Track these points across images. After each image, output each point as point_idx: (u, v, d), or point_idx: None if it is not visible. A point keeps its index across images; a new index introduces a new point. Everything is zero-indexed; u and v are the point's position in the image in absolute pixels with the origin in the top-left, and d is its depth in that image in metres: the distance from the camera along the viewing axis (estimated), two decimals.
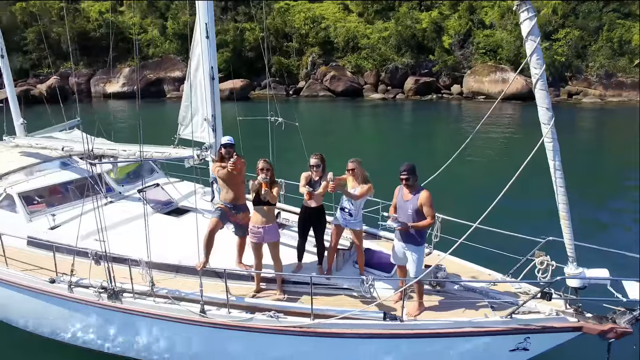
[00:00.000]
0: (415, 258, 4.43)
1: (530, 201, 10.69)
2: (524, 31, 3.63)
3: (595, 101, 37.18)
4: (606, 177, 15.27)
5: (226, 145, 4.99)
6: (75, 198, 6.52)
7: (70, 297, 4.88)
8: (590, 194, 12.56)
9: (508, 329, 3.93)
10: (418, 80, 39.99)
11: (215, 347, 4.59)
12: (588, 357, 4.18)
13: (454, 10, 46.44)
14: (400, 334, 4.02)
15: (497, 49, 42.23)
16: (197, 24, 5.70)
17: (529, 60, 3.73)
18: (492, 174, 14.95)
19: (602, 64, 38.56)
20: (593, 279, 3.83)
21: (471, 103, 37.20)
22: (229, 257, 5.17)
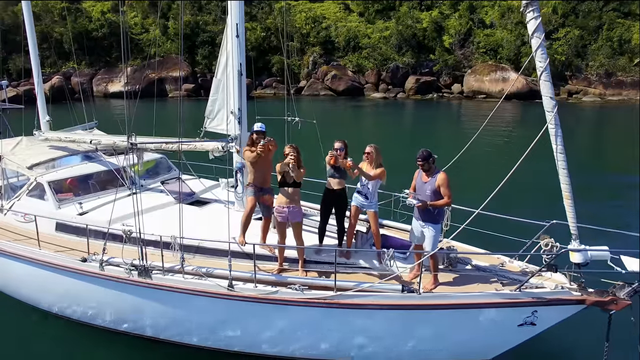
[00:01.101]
0: (432, 234, 4.76)
1: (536, 187, 10.96)
2: (530, 29, 3.99)
3: (595, 100, 37.40)
4: (605, 174, 15.48)
5: (258, 132, 5.26)
6: (101, 189, 6.86)
7: (102, 274, 5.06)
8: (591, 189, 12.80)
9: (517, 301, 4.19)
10: (419, 79, 40.22)
11: (242, 320, 4.83)
12: (590, 332, 4.37)
13: (455, 10, 46.69)
14: (418, 305, 4.31)
15: (498, 48, 42.46)
16: (228, 23, 5.99)
17: (534, 55, 4.09)
18: (495, 167, 15.16)
19: (602, 63, 38.77)
20: (593, 250, 4.05)
21: (472, 102, 37.42)
22: (254, 240, 5.41)
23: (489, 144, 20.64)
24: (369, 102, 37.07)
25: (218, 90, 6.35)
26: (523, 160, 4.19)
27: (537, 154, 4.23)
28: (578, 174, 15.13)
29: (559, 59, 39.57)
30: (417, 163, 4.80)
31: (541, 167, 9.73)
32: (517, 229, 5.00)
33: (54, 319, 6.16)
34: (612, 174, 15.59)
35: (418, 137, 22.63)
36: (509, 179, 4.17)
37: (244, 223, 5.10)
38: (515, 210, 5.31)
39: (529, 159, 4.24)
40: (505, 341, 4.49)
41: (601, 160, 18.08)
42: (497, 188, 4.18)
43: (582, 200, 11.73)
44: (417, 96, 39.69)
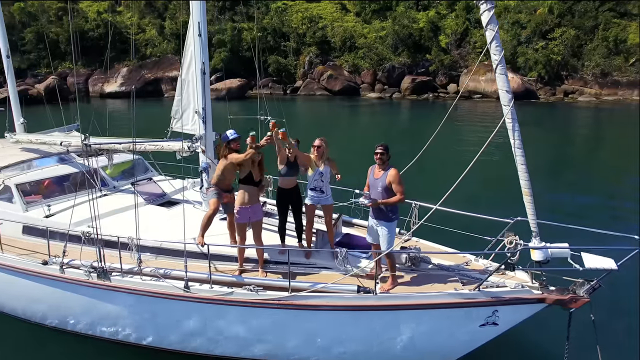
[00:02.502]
0: (386, 233, 4.61)
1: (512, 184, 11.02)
2: (484, 21, 3.87)
3: (591, 100, 37.38)
4: (603, 171, 15.48)
5: (235, 139, 5.20)
6: (71, 191, 6.76)
7: (61, 277, 5.06)
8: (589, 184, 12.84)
9: (475, 300, 4.13)
10: (415, 79, 40.20)
11: (198, 321, 4.79)
12: (551, 330, 4.32)
13: (451, 10, 46.67)
14: (373, 306, 4.22)
15: None
16: (191, 23, 5.94)
17: (489, 47, 3.97)
18: (487, 168, 15.14)
19: (598, 63, 38.74)
20: (553, 248, 3.98)
21: (467, 102, 37.35)
22: (218, 241, 5.37)
23: (480, 144, 20.55)
24: (364, 102, 37.05)
25: (183, 90, 6.31)
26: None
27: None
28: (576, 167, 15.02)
29: (555, 59, 39.56)
30: (375, 152, 4.66)
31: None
32: (486, 226, 4.96)
33: (18, 322, 6.10)
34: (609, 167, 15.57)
35: (410, 136, 22.58)
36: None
37: (204, 224, 5.07)
38: (492, 208, 5.25)
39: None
40: (468, 342, 4.41)
41: (598, 156, 18.07)
42: (454, 185, 4.13)
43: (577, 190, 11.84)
44: (413, 96, 39.67)
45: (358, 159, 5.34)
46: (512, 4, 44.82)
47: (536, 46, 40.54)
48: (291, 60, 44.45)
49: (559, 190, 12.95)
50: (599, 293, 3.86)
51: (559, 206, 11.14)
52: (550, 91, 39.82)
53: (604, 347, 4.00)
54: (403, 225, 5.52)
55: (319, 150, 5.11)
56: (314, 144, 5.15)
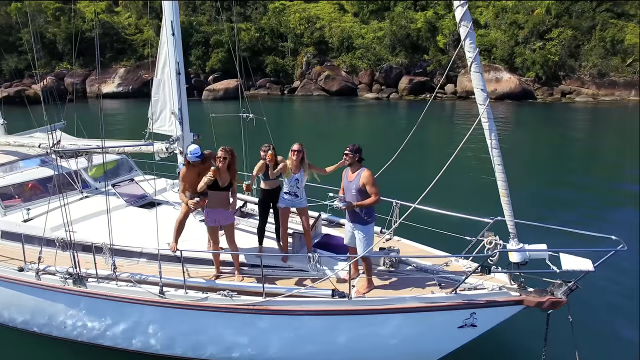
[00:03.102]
0: (362, 237, 4.53)
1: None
2: (457, 17, 3.75)
3: (588, 100, 37.38)
4: (601, 171, 15.47)
5: (195, 162, 5.10)
6: (52, 193, 6.62)
7: (37, 284, 5.02)
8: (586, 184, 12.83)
9: (452, 304, 4.09)
10: (412, 79, 40.17)
11: (174, 326, 4.78)
12: (530, 331, 4.28)
13: (449, 10, 46.67)
14: (347, 310, 4.16)
15: (492, 48, 42.45)
16: (164, 22, 5.86)
17: (463, 44, 3.85)
18: (482, 169, 15.10)
19: (595, 64, 38.74)
20: (531, 250, 3.94)
21: (464, 103, 37.34)
22: (198, 243, 5.32)
23: (476, 146, 20.52)
24: (361, 103, 37.01)
25: (159, 91, 6.24)
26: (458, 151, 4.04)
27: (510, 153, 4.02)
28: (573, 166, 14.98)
29: (553, 59, 39.56)
30: (344, 154, 4.60)
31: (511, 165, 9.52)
32: (468, 225, 4.91)
33: (5, 331, 6.01)
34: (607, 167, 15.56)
35: (406, 136, 22.49)
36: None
37: (177, 229, 5.02)
38: (478, 207, 5.18)
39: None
40: (446, 344, 4.37)
41: (595, 157, 18.05)
42: (431, 185, 4.08)
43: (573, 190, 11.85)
44: (411, 96, 39.64)
45: None
46: (510, 5, 44.86)
47: (534, 46, 40.54)
48: (289, 60, 44.40)
49: (553, 188, 12.95)
50: (577, 293, 3.82)
51: (552, 205, 11.14)
52: (547, 91, 39.82)
53: (581, 348, 3.96)
54: (385, 224, 5.47)
55: (297, 155, 5.02)
56: (293, 148, 5.06)
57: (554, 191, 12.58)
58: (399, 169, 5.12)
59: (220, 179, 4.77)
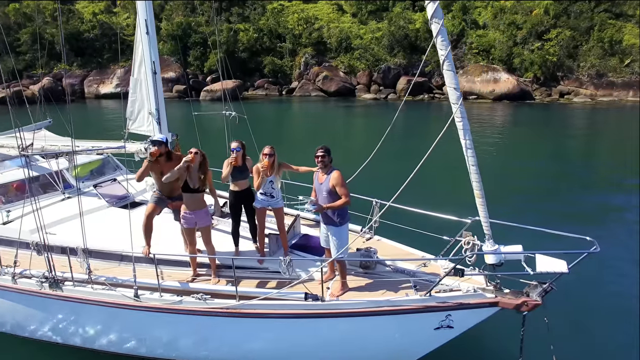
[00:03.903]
0: (335, 239, 4.51)
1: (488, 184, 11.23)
2: (429, 12, 3.68)
3: (586, 101, 37.37)
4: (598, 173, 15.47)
5: (157, 142, 5.10)
6: (35, 194, 6.60)
7: (13, 288, 5.01)
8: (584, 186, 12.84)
9: (426, 306, 4.06)
10: (410, 80, 40.14)
11: (148, 330, 4.76)
12: (507, 332, 4.29)
13: (448, 11, 46.67)
14: (321, 314, 4.13)
15: (490, 49, 42.43)
16: (138, 21, 5.83)
17: (435, 41, 3.77)
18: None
19: (593, 64, 38.74)
20: (507, 253, 3.91)
21: (463, 103, 37.33)
22: (175, 245, 5.30)
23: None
24: (359, 103, 36.99)
25: (136, 90, 6.19)
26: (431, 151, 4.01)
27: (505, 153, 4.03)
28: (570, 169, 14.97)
29: (551, 60, 39.55)
30: (315, 156, 4.54)
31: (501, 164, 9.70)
32: (448, 224, 4.88)
33: None
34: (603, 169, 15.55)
35: (403, 138, 22.48)
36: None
37: (145, 232, 4.96)
38: (461, 206, 5.11)
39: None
40: (424, 345, 4.34)
41: (592, 158, 18.05)
42: (405, 183, 4.03)
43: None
44: (408, 97, 39.59)
45: (348, 165, 5.24)
46: (509, 5, 44.85)
47: (532, 47, 40.54)
48: (287, 61, 44.38)
49: (546, 189, 12.94)
50: (553, 294, 3.81)
51: (542, 206, 11.16)
52: (546, 92, 39.80)
53: (558, 349, 3.93)
54: (365, 223, 5.46)
55: (269, 159, 5.01)
56: (264, 151, 5.03)
57: (541, 194, 12.59)
58: (392, 170, 5.09)
59: (190, 179, 4.75)
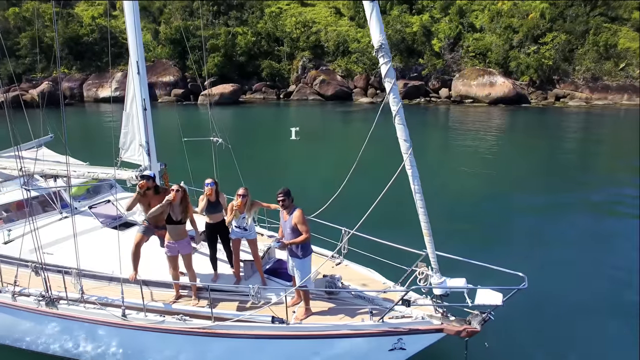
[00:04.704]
0: (298, 271, 5.01)
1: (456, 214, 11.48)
2: (383, 72, 4.13)
3: (581, 104, 37.62)
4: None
5: (145, 177, 5.66)
6: (34, 213, 6.79)
7: (12, 305, 5.38)
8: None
9: (378, 331, 4.51)
10: (407, 84, 40.41)
11: (134, 346, 5.17)
12: (452, 355, 4.63)
13: (445, 14, 46.95)
14: (285, 335, 4.57)
15: (487, 52, 42.72)
16: (130, 61, 6.14)
17: (387, 98, 4.23)
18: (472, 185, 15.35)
19: (588, 68, 39.06)
20: (451, 288, 4.41)
21: (458, 107, 37.55)
22: (160, 266, 5.75)
23: (467, 154, 20.75)
24: (355, 107, 37.18)
25: (128, 123, 6.58)
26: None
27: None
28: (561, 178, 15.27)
29: (547, 63, 39.85)
30: (277, 200, 5.03)
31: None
32: (409, 253, 5.22)
33: None
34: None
35: (393, 144, 22.71)
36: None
37: (132, 259, 5.37)
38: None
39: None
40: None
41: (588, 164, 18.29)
42: (369, 211, 4.46)
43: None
44: (405, 101, 39.83)
45: (340, 174, 5.55)
46: (505, 9, 45.14)
47: (528, 50, 40.84)
48: (285, 64, 44.65)
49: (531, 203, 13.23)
50: (493, 323, 4.15)
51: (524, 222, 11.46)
52: (542, 95, 40.09)
53: None
54: (335, 248, 5.80)
55: (242, 199, 5.42)
56: (238, 192, 5.46)
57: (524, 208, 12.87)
58: (368, 189, 5.37)
59: (173, 212, 5.19)
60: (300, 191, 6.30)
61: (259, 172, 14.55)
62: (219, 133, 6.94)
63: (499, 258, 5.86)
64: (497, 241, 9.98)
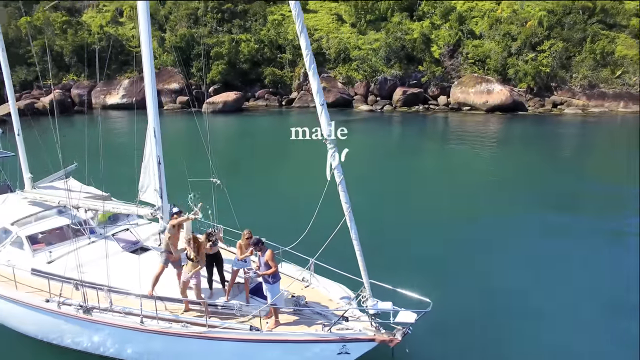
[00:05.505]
0: (269, 293, 6.69)
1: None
2: (334, 165, 5.39)
3: (577, 112, 38.25)
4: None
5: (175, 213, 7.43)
6: (68, 238, 8.51)
7: (59, 312, 7.01)
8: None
9: (328, 339, 6.00)
10: (406, 91, 41.23)
11: (148, 346, 6.78)
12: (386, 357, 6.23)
13: (445, 20, 47.67)
14: (260, 339, 6.17)
15: (485, 59, 43.41)
16: (148, 131, 7.40)
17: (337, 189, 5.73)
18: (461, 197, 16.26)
19: (585, 75, 39.67)
20: (382, 309, 5.99)
21: (456, 115, 38.30)
22: (171, 283, 7.33)
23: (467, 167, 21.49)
24: (355, 116, 37.99)
25: (146, 173, 7.91)
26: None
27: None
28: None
29: (544, 71, 40.51)
30: (253, 248, 6.74)
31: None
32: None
33: (35, 342, 7.94)
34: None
35: (392, 157, 23.63)
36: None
37: (153, 282, 6.94)
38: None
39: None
40: None
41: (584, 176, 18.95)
42: (328, 240, 6.03)
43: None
44: (404, 108, 40.67)
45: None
46: (505, 15, 45.76)
47: (526, 57, 41.49)
48: (287, 72, 45.66)
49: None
50: (412, 336, 5.85)
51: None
52: (539, 102, 40.75)
53: None
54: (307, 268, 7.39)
55: (247, 241, 7.01)
56: (246, 237, 7.06)
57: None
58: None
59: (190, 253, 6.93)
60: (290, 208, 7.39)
61: (254, 192, 15.76)
62: (216, 175, 8.15)
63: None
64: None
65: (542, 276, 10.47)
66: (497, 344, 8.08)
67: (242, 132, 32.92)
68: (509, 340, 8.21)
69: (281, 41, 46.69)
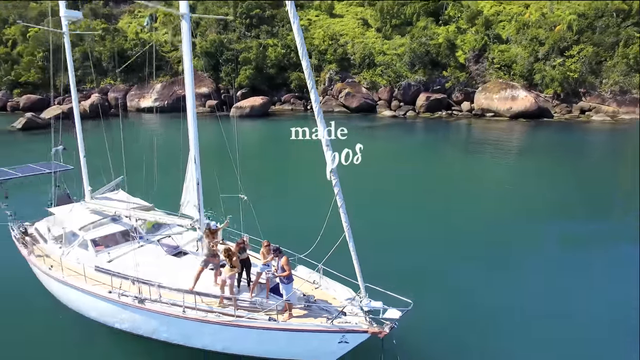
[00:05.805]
0: (284, 291, 7.99)
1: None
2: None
3: (605, 119, 37.47)
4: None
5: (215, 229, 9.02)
6: (122, 241, 10.44)
7: (119, 301, 8.62)
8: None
9: (330, 329, 7.24)
10: (429, 97, 41.43)
11: (189, 331, 8.29)
12: (378, 349, 7.50)
13: (472, 24, 47.44)
14: (276, 328, 7.54)
15: (512, 64, 43.04)
16: (190, 157, 8.88)
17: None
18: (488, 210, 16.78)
19: (617, 81, 38.79)
20: (371, 307, 7.33)
21: (479, 122, 38.16)
22: (208, 280, 8.81)
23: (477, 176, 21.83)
24: (378, 122, 38.47)
25: (188, 191, 9.40)
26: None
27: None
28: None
29: (572, 77, 39.87)
30: (272, 254, 8.12)
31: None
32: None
33: (99, 325, 9.66)
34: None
35: (409, 166, 24.00)
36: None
37: (195, 279, 8.54)
38: None
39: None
40: (334, 351, 7.42)
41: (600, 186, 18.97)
42: (332, 250, 6.96)
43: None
44: (427, 114, 40.85)
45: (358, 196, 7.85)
46: (533, 19, 45.15)
47: (553, 63, 40.90)
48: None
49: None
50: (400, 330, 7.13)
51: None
52: (566, 108, 40.16)
53: None
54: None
55: (267, 248, 8.32)
56: (266, 246, 8.41)
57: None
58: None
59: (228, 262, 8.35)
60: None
61: (275, 200, 16.83)
62: (244, 192, 9.45)
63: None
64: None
65: (535, 283, 11.10)
66: (472, 339, 9.25)
67: (268, 137, 34.11)
68: (485, 336, 9.36)
69: (307, 46, 47.69)
